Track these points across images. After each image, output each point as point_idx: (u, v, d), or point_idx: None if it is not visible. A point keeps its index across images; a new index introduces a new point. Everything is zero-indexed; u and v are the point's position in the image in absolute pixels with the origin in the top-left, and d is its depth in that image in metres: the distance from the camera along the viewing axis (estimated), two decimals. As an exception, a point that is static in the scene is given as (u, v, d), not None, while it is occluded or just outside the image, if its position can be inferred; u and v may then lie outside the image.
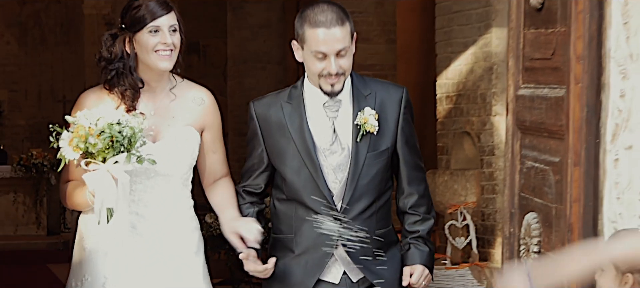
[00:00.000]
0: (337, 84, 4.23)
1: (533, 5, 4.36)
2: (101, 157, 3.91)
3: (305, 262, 4.32)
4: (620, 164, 3.84)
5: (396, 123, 4.33)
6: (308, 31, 4.22)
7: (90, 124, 3.89)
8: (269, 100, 4.41)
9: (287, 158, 4.30)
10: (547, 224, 4.20)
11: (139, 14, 4.26)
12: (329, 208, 4.27)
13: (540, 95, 4.27)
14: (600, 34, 3.96)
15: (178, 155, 4.33)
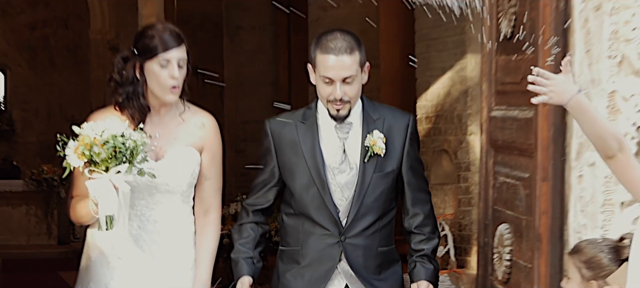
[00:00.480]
0: (342, 110, 4.14)
1: (504, 34, 4.39)
2: (104, 166, 3.86)
3: (310, 275, 4.22)
4: (584, 180, 3.86)
5: (402, 147, 4.23)
6: (319, 56, 4.13)
7: (96, 134, 3.85)
8: (284, 119, 4.31)
9: (297, 175, 4.21)
10: (518, 234, 4.22)
11: (151, 44, 4.16)
12: (334, 224, 4.19)
13: (511, 117, 4.30)
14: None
15: (178, 173, 4.25)
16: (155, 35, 4.16)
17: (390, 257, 4.30)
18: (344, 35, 4.17)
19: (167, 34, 4.17)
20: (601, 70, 3.76)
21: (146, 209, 4.25)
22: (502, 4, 4.40)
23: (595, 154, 3.79)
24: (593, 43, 3.81)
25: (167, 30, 4.19)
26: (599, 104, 3.77)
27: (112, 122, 3.92)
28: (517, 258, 4.24)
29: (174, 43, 4.16)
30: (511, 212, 4.29)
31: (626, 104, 3.75)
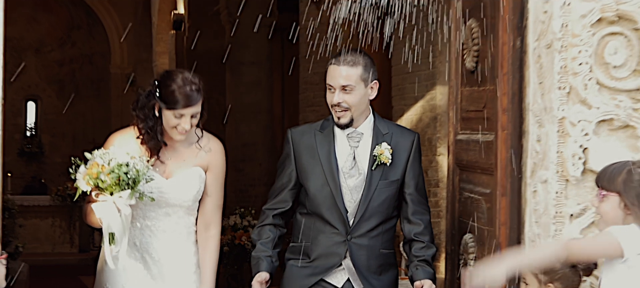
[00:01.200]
0: (343, 118, 4.13)
1: (468, 69, 4.39)
2: (109, 191, 3.86)
3: (316, 266, 4.18)
4: (538, 195, 3.85)
5: (407, 161, 4.20)
6: (328, 67, 4.16)
7: (104, 162, 3.84)
8: (304, 128, 4.33)
9: (313, 177, 4.18)
10: (481, 243, 4.21)
11: (171, 98, 4.09)
12: (343, 223, 4.14)
13: (474, 140, 4.29)
14: (521, 91, 3.99)
15: (184, 190, 4.23)
16: (176, 91, 4.08)
17: (390, 260, 4.27)
18: (354, 52, 4.17)
19: (187, 92, 4.08)
20: (552, 99, 3.75)
21: (156, 220, 4.23)
22: (467, 43, 4.40)
23: (547, 173, 3.78)
24: (545, 76, 3.81)
25: (188, 86, 4.10)
26: (551, 129, 3.76)
27: (120, 152, 3.89)
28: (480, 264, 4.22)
29: (190, 102, 4.09)
30: (474, 223, 4.28)
31: (574, 129, 3.74)
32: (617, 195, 3.26)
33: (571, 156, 3.73)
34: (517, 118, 3.99)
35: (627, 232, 3.23)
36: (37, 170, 19.07)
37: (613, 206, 3.28)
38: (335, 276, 4.18)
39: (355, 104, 4.13)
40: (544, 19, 3.80)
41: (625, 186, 3.25)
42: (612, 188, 3.27)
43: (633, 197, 3.24)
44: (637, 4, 3.72)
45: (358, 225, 4.15)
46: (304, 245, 4.22)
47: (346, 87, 4.10)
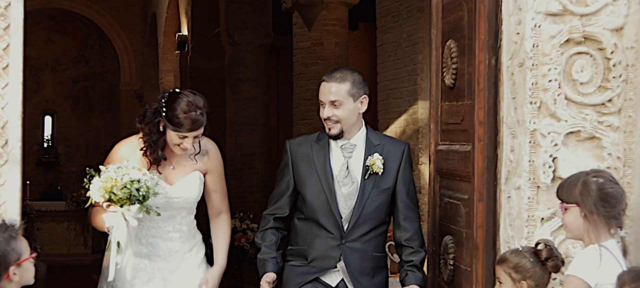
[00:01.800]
0: (333, 129, 4.07)
1: (447, 85, 4.38)
2: (119, 203, 3.83)
3: (312, 266, 4.13)
4: (511, 200, 3.84)
5: (397, 169, 4.14)
6: (320, 84, 4.12)
7: (117, 177, 3.81)
8: (301, 139, 4.27)
9: (310, 185, 4.12)
10: (460, 244, 4.19)
11: (176, 121, 4.03)
12: (338, 228, 4.09)
13: (454, 150, 4.28)
14: (496, 105, 3.98)
15: (187, 194, 4.21)
16: (180, 115, 4.02)
17: (381, 262, 4.21)
18: (343, 69, 4.14)
19: (192, 117, 4.03)
20: (524, 113, 3.75)
21: (161, 222, 4.19)
22: (446, 61, 4.39)
23: (520, 180, 3.78)
24: (518, 92, 3.80)
25: (193, 111, 4.04)
26: (523, 140, 3.76)
27: (134, 169, 3.86)
28: (459, 263, 4.21)
29: (195, 126, 4.05)
30: (454, 226, 4.26)
31: (544, 140, 3.74)
32: (576, 206, 3.24)
33: (542, 165, 3.72)
34: (493, 130, 3.98)
35: (583, 263, 3.19)
36: (53, 178, 19.01)
37: (575, 217, 3.25)
38: (330, 276, 4.13)
39: (345, 117, 4.07)
40: (517, 40, 3.79)
41: (582, 197, 3.23)
42: (572, 200, 3.25)
43: (590, 206, 3.22)
44: (601, 26, 3.73)
45: (352, 230, 4.09)
46: (301, 248, 4.17)
47: (335, 102, 4.05)
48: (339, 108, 4.06)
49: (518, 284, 3.44)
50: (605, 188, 3.24)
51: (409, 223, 4.17)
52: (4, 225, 3.27)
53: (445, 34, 4.44)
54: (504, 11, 3.90)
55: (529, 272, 3.43)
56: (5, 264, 3.20)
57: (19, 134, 3.78)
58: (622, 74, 3.73)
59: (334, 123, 4.07)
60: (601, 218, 3.21)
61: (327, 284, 4.13)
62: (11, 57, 3.75)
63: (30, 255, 3.30)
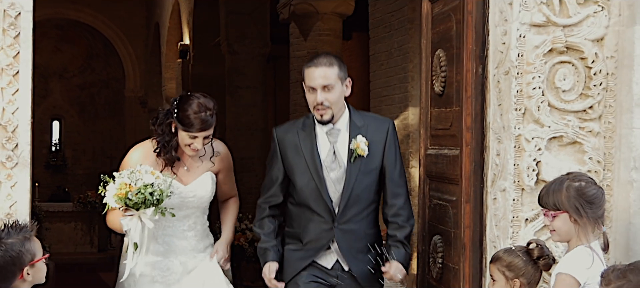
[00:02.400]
0: (325, 115, 3.97)
1: (436, 92, 4.38)
2: (136, 207, 3.81)
3: (307, 250, 4.05)
4: (497, 202, 3.84)
5: (383, 148, 4.03)
6: (306, 71, 3.99)
7: (131, 182, 3.78)
8: (287, 127, 4.16)
9: (299, 172, 4.03)
10: (448, 244, 4.19)
11: (186, 121, 4.03)
12: (329, 212, 4.01)
13: (442, 154, 4.28)
14: (482, 111, 3.98)
15: (200, 193, 4.20)
16: (191, 116, 4.02)
17: (375, 238, 4.12)
18: (326, 54, 4.07)
19: (202, 117, 4.03)
20: (510, 119, 3.75)
21: (177, 221, 4.16)
22: (435, 70, 4.39)
23: (505, 183, 3.78)
24: (503, 99, 3.80)
25: (203, 112, 4.04)
26: (508, 145, 3.76)
27: (146, 173, 3.83)
28: (447, 262, 4.21)
29: (205, 127, 4.04)
30: (443, 226, 4.26)
31: (529, 145, 3.74)
32: (565, 212, 3.23)
33: (526, 168, 3.72)
34: (479, 135, 3.99)
35: (576, 263, 3.19)
36: (61, 181, 18.98)
37: (564, 222, 3.24)
38: (325, 258, 4.06)
39: (335, 101, 3.98)
40: (503, 50, 3.80)
41: (569, 202, 3.22)
42: (560, 207, 3.23)
43: (578, 209, 3.22)
44: (583, 37, 3.73)
45: (343, 213, 4.01)
46: (296, 231, 4.11)
47: (327, 86, 3.95)
48: (331, 92, 3.96)
49: (511, 282, 3.43)
50: (589, 191, 3.24)
51: (395, 199, 4.08)
52: (18, 227, 3.25)
53: (435, 44, 4.45)
54: (490, 22, 3.90)
55: (521, 271, 3.43)
56: (20, 265, 3.18)
57: (29, 138, 3.78)
58: (602, 82, 3.74)
59: (325, 108, 3.97)
60: (590, 219, 3.22)
61: (324, 266, 4.07)
62: (21, 64, 3.74)
63: (43, 255, 3.28)
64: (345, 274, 4.07)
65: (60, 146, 19.78)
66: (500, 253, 3.52)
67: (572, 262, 3.21)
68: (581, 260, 3.19)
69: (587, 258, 3.18)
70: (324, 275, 4.07)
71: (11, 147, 3.73)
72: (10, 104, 3.72)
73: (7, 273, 3.17)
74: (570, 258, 3.24)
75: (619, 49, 3.72)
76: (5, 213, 3.70)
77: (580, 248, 3.23)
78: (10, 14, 3.72)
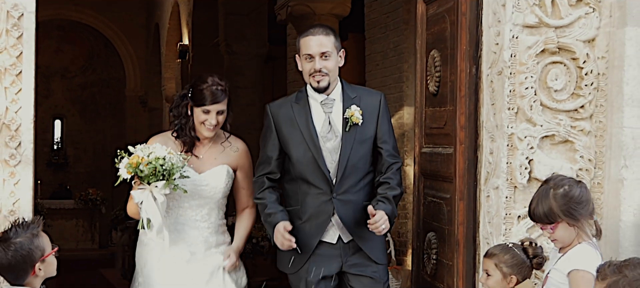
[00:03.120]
0: (322, 81, 3.93)
1: (431, 92, 4.39)
2: (147, 180, 3.79)
3: (309, 228, 3.95)
4: (490, 199, 3.85)
5: (376, 119, 3.97)
6: (301, 40, 3.97)
7: (144, 155, 3.79)
8: (281, 102, 4.12)
9: (295, 145, 3.97)
10: (442, 240, 4.20)
11: (200, 96, 4.06)
12: (326, 183, 3.93)
13: (437, 153, 4.29)
14: (476, 111, 3.99)
15: (214, 183, 4.12)
16: (204, 90, 4.06)
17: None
18: (322, 25, 4.07)
19: (213, 90, 4.05)
20: (503, 118, 3.76)
21: (190, 210, 4.11)
22: (430, 70, 4.40)
23: (498, 180, 3.79)
24: (497, 98, 3.81)
25: (214, 86, 4.07)
26: (501, 143, 3.77)
27: (159, 147, 3.84)
28: (441, 258, 4.21)
29: (216, 99, 4.05)
30: (437, 223, 4.27)
31: (521, 143, 3.75)
32: (563, 222, 3.21)
33: (519, 166, 3.73)
34: (473, 134, 3.99)
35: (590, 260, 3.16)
36: (62, 179, 18.93)
37: (564, 229, 3.22)
38: (328, 234, 3.97)
39: (332, 69, 3.95)
40: (496, 50, 3.80)
41: (561, 211, 3.21)
42: (555, 219, 3.21)
43: (572, 214, 3.21)
44: (575, 38, 3.74)
45: (340, 183, 3.93)
46: (295, 208, 4.01)
47: (325, 54, 3.92)
48: (328, 59, 3.94)
49: (508, 278, 3.43)
50: (575, 192, 3.23)
51: (388, 166, 4.00)
52: (25, 224, 3.25)
53: (429, 45, 4.45)
54: (484, 23, 3.91)
55: (519, 267, 3.44)
56: (31, 262, 3.19)
57: (31, 136, 3.78)
58: (593, 82, 3.75)
59: (323, 75, 3.93)
60: (585, 218, 3.22)
61: (328, 242, 3.97)
62: (24, 64, 3.74)
63: (52, 249, 3.29)
64: (349, 249, 3.97)
65: (61, 145, 19.74)
66: (497, 249, 3.51)
67: (583, 258, 3.18)
68: (590, 256, 3.18)
69: (594, 253, 3.19)
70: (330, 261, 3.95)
71: (14, 145, 3.73)
72: (13, 103, 3.72)
73: (19, 272, 3.18)
74: (580, 255, 3.20)
75: (609, 50, 3.73)
76: (9, 210, 3.71)
77: (585, 245, 3.22)
78: (13, 15, 3.72)
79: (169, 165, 3.80)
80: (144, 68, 18.39)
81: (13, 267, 3.17)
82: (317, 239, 3.95)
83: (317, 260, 3.95)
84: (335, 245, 3.97)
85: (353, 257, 3.97)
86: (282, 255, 4.05)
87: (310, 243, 3.95)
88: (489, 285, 3.48)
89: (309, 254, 3.96)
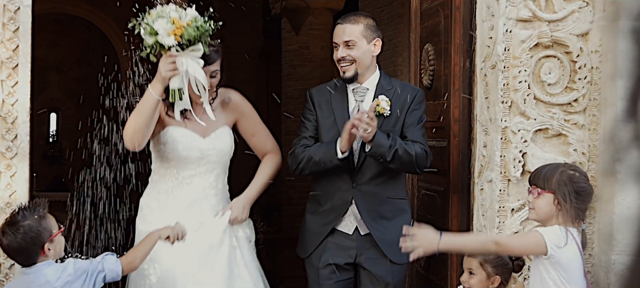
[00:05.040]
0: (348, 71, 3.81)
1: (425, 85, 4.39)
2: (188, 44, 3.45)
3: (327, 216, 3.83)
4: (484, 192, 3.85)
5: (406, 111, 3.80)
6: (335, 27, 3.87)
7: (180, 16, 3.42)
8: (321, 87, 3.95)
9: (326, 128, 3.84)
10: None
11: None
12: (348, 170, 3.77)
13: (431, 146, 4.27)
14: (470, 104, 3.99)
15: (219, 145, 3.87)
16: None
17: (400, 206, 3.86)
18: (357, 13, 3.91)
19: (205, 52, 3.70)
20: (496, 112, 3.76)
21: (197, 177, 3.87)
22: (424, 64, 4.40)
23: (492, 173, 3.79)
24: (490, 92, 3.81)
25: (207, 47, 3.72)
26: (495, 137, 3.76)
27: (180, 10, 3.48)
28: (435, 250, 4.21)
29: (209, 60, 3.74)
30: (431, 216, 4.27)
31: (515, 137, 3.74)
32: (551, 193, 3.22)
33: (512, 160, 3.73)
34: (467, 127, 4.00)
35: (551, 232, 3.18)
36: (58, 171, 18.93)
37: (547, 202, 3.22)
38: (345, 224, 3.84)
39: (359, 58, 3.80)
40: (490, 44, 3.80)
41: (559, 186, 3.22)
42: (547, 187, 3.22)
43: (565, 195, 3.21)
44: (568, 32, 3.74)
45: (361, 172, 3.79)
46: (317, 193, 3.90)
47: (349, 42, 3.79)
48: (353, 48, 3.80)
49: (492, 278, 3.43)
50: (580, 183, 3.24)
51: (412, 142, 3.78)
52: (31, 208, 3.29)
53: (423, 38, 4.45)
54: (477, 17, 3.91)
55: (503, 268, 3.44)
56: (41, 242, 3.23)
57: (28, 129, 3.77)
58: (587, 76, 3.75)
59: (348, 63, 3.82)
60: (572, 209, 3.21)
61: (344, 232, 3.85)
62: (20, 57, 3.74)
63: (59, 229, 3.31)
64: (366, 243, 3.83)
65: (57, 137, 19.74)
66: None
67: (548, 230, 3.20)
68: (557, 235, 3.18)
69: (562, 237, 3.17)
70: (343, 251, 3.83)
71: (11, 138, 3.72)
72: (10, 96, 3.72)
73: (30, 253, 3.23)
74: (548, 228, 3.22)
75: (603, 44, 3.73)
76: (5, 202, 3.71)
77: (558, 227, 3.21)
78: (9, 9, 3.71)
79: (203, 26, 3.49)
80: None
81: (24, 250, 3.22)
82: (330, 227, 3.84)
83: (330, 248, 3.84)
84: (351, 236, 3.84)
85: (369, 251, 3.83)
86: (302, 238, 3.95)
87: (323, 230, 3.85)
88: (471, 283, 3.47)
89: (320, 240, 3.85)
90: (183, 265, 3.74)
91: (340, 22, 3.85)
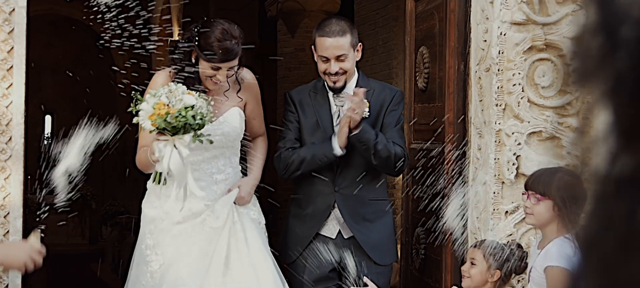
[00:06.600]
0: (338, 82, 3.79)
1: (420, 88, 4.40)
2: (173, 132, 3.26)
3: (310, 220, 3.82)
4: (478, 195, 3.85)
5: (384, 112, 3.81)
6: (317, 39, 3.77)
7: (170, 103, 3.21)
8: (300, 89, 3.97)
9: (309, 132, 3.84)
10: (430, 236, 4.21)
11: (208, 50, 3.51)
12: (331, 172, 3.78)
13: (426, 148, 4.30)
14: (464, 107, 4.00)
15: (228, 129, 3.69)
16: (214, 44, 3.51)
17: (382, 207, 3.89)
18: (339, 20, 3.83)
19: (226, 46, 3.51)
20: (491, 114, 3.77)
21: (204, 163, 3.67)
22: (419, 66, 4.41)
23: (486, 176, 3.80)
24: (485, 95, 3.82)
25: (228, 40, 3.53)
26: (489, 140, 3.78)
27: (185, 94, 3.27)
28: (429, 253, 4.23)
29: (229, 56, 3.53)
30: (424, 218, 4.27)
31: (509, 139, 3.76)
32: (551, 200, 3.19)
33: (506, 162, 3.74)
34: (461, 130, 4.00)
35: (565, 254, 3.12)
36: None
37: (547, 209, 3.19)
38: (327, 228, 3.85)
39: (349, 68, 3.80)
40: (484, 47, 3.81)
41: (558, 191, 3.19)
42: (547, 193, 3.18)
43: (564, 201, 3.20)
44: (562, 34, 3.75)
45: (342, 174, 3.80)
46: (299, 196, 3.90)
47: (340, 56, 3.76)
48: (345, 61, 3.77)
49: (493, 271, 3.42)
50: (578, 189, 3.22)
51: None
52: None
53: (418, 41, 4.46)
54: (472, 20, 3.92)
55: (505, 263, 3.43)
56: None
57: (22, 131, 3.77)
58: (580, 79, 3.75)
59: (340, 76, 3.78)
60: (571, 215, 3.20)
61: (327, 237, 3.83)
62: (15, 59, 3.74)
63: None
64: (350, 246, 3.81)
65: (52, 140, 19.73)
66: (488, 241, 3.50)
67: (559, 254, 3.15)
68: (567, 251, 3.16)
69: (569, 248, 3.17)
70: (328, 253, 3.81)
71: (5, 140, 3.72)
72: (4, 97, 3.72)
73: None
74: (557, 251, 3.17)
75: (596, 47, 3.74)
76: (-1, 204, 3.70)
77: (560, 239, 3.21)
78: (4, 10, 3.71)
79: (200, 116, 3.27)
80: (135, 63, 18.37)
81: None
82: (314, 231, 3.83)
83: (314, 255, 3.84)
84: (334, 240, 3.84)
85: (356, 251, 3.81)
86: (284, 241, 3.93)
87: (307, 235, 3.84)
88: (471, 273, 3.45)
89: (304, 245, 3.84)
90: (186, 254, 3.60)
91: (329, 35, 3.75)
